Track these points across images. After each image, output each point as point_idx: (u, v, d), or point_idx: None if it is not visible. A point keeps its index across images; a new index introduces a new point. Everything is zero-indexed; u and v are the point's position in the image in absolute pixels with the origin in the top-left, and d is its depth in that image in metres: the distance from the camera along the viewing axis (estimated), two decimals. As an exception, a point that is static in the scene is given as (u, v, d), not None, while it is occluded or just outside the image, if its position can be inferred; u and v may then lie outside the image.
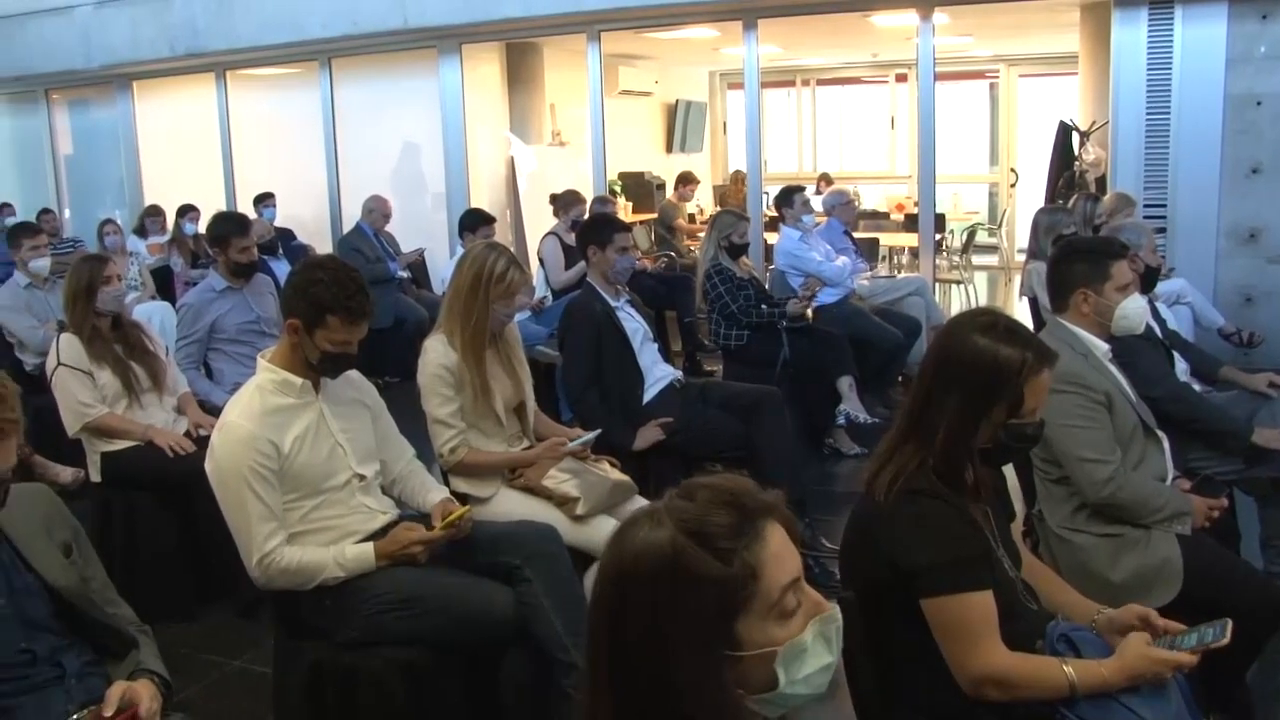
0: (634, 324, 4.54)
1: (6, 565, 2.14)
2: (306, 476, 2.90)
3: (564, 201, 7.84)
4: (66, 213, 12.30)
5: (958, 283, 10.41)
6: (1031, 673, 2.06)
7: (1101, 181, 8.25)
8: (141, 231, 9.89)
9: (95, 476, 4.37)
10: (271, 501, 2.83)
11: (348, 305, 2.89)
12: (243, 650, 4.00)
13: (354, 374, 3.16)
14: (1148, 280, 4.14)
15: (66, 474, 4.63)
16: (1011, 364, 2.15)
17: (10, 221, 10.10)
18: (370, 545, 2.91)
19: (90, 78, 11.36)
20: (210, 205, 9.24)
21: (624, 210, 10.42)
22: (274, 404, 2.90)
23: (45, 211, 10.74)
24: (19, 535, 2.18)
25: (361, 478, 3.02)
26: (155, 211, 10.08)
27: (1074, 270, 3.17)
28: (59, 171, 12.55)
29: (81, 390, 4.28)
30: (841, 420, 6.02)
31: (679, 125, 13.34)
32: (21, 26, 11.18)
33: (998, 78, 13.12)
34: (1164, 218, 7.26)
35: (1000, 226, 12.30)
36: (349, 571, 2.86)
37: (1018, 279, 10.38)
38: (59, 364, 4.31)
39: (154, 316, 6.75)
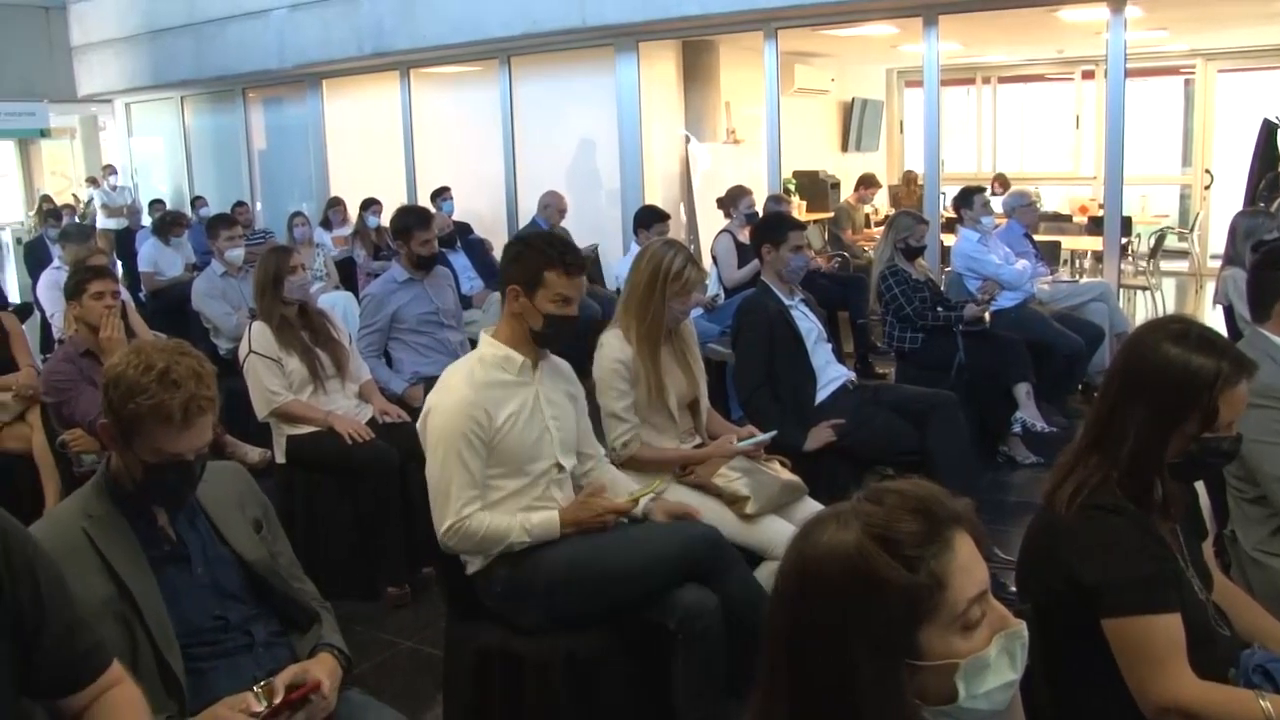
0: (808, 324, 4.49)
1: (204, 536, 2.26)
2: (514, 454, 2.96)
3: (730, 198, 7.81)
4: (258, 205, 12.88)
5: (1144, 289, 9.99)
6: (1223, 704, 1.94)
7: (1309, 184, 7.80)
8: (326, 224, 10.28)
9: (280, 458, 4.56)
10: (475, 469, 2.89)
11: (564, 259, 2.98)
12: (415, 631, 4.13)
13: (567, 367, 3.23)
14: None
15: (254, 454, 4.84)
16: (1205, 374, 2.03)
17: (205, 213, 10.66)
18: (555, 512, 2.95)
19: (283, 77, 11.88)
20: (392, 199, 9.55)
21: (798, 209, 10.34)
22: (494, 378, 2.98)
23: (239, 204, 11.30)
24: (215, 509, 2.29)
25: (561, 468, 3.07)
26: (335, 203, 10.48)
27: (1278, 278, 3.00)
28: (253, 166, 13.17)
29: (270, 377, 4.47)
30: (1017, 428, 5.85)
31: (855, 124, 13.14)
32: (222, 30, 11.77)
33: (1193, 73, 12.49)
34: (1379, 223, 6.81)
35: (1192, 231, 11.74)
36: (534, 538, 2.91)
37: (1210, 286, 9.91)
38: (250, 351, 4.51)
39: (337, 306, 6.99)
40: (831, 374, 4.51)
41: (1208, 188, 12.16)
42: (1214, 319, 6.78)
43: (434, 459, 2.92)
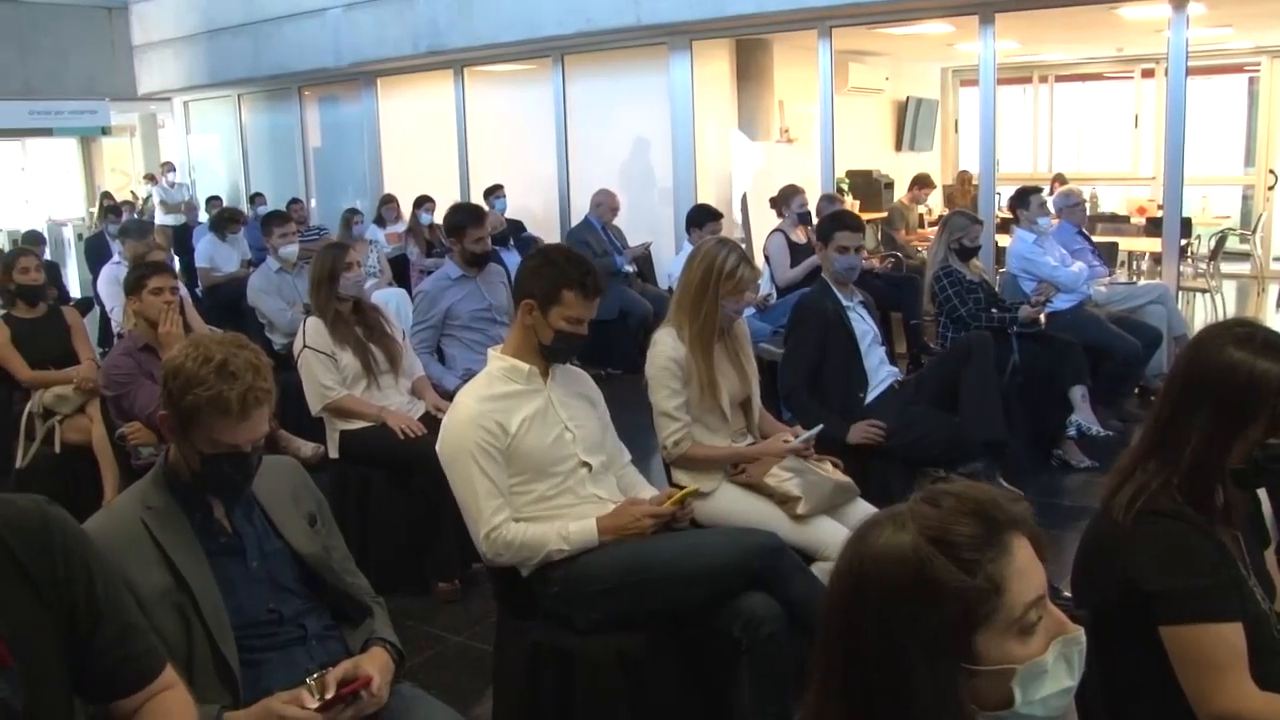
0: (864, 326, 4.47)
1: (259, 530, 2.28)
2: (534, 457, 2.97)
3: (783, 197, 7.78)
4: (313, 202, 13.01)
5: (1204, 291, 9.81)
6: (1284, 715, 1.90)
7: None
8: (380, 221, 10.37)
9: (333, 453, 4.59)
10: (497, 478, 2.91)
11: (583, 281, 2.99)
12: (465, 626, 4.15)
13: (582, 373, 3.26)
14: None
15: (307, 448, 4.89)
16: (1270, 380, 1.98)
17: (263, 210, 10.78)
18: (593, 520, 2.94)
19: (339, 75, 12.01)
20: (445, 196, 9.61)
21: (851, 209, 10.27)
22: (502, 390, 3.00)
23: (294, 201, 11.40)
24: (270, 503, 2.32)
25: (588, 466, 3.07)
26: (388, 200, 10.55)
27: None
28: (308, 163, 13.31)
29: (324, 373, 4.51)
30: (1072, 431, 5.78)
31: (909, 123, 13.03)
32: (279, 29, 11.92)
33: (1258, 71, 12.26)
34: None
35: (1254, 232, 11.51)
36: (573, 545, 2.90)
37: (1273, 289, 9.73)
38: (305, 346, 4.55)
39: (390, 302, 7.04)
40: (883, 374, 4.50)
41: (1271, 188, 11.95)
42: (1277, 323, 6.65)
43: (455, 477, 2.95)
